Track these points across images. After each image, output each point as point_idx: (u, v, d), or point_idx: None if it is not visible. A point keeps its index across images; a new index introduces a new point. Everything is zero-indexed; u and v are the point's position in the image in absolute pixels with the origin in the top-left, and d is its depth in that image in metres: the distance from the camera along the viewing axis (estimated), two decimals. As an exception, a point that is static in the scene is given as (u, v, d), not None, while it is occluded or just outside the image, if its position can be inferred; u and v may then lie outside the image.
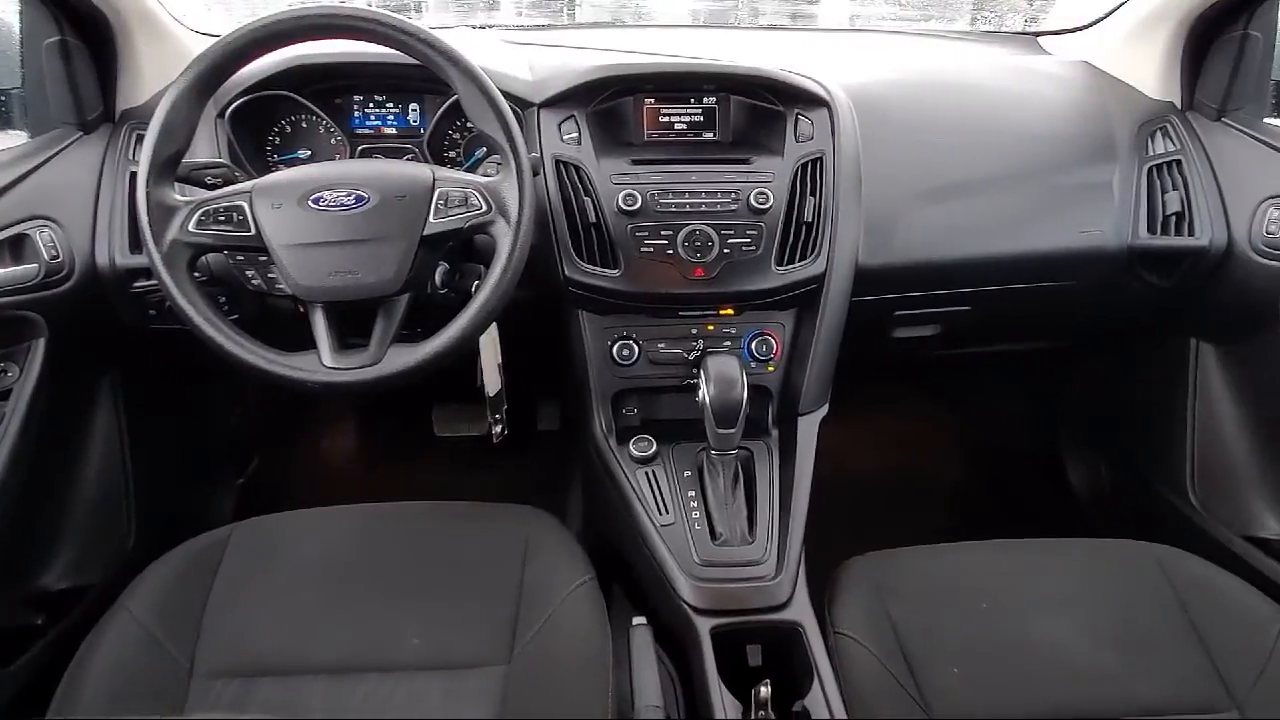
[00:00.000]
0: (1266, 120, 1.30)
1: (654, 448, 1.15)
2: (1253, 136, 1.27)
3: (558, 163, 1.12)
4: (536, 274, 1.10)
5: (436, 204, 0.94)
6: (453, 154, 1.24)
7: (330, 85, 1.21)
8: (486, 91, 0.94)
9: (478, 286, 0.96)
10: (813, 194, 1.13)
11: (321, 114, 1.20)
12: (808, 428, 1.16)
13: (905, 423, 1.93)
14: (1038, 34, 1.59)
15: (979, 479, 1.88)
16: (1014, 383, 1.84)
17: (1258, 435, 1.35)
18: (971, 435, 1.92)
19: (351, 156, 1.23)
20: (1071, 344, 1.65)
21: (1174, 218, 1.26)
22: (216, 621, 0.96)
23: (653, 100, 1.18)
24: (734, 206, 1.11)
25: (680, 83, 1.19)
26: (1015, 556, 1.12)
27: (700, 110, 1.19)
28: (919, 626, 1.01)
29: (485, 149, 1.20)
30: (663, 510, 1.09)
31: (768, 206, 1.11)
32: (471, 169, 1.20)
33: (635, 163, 1.14)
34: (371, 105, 1.23)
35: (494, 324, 1.16)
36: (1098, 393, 1.69)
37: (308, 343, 0.94)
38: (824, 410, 1.17)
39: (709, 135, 1.20)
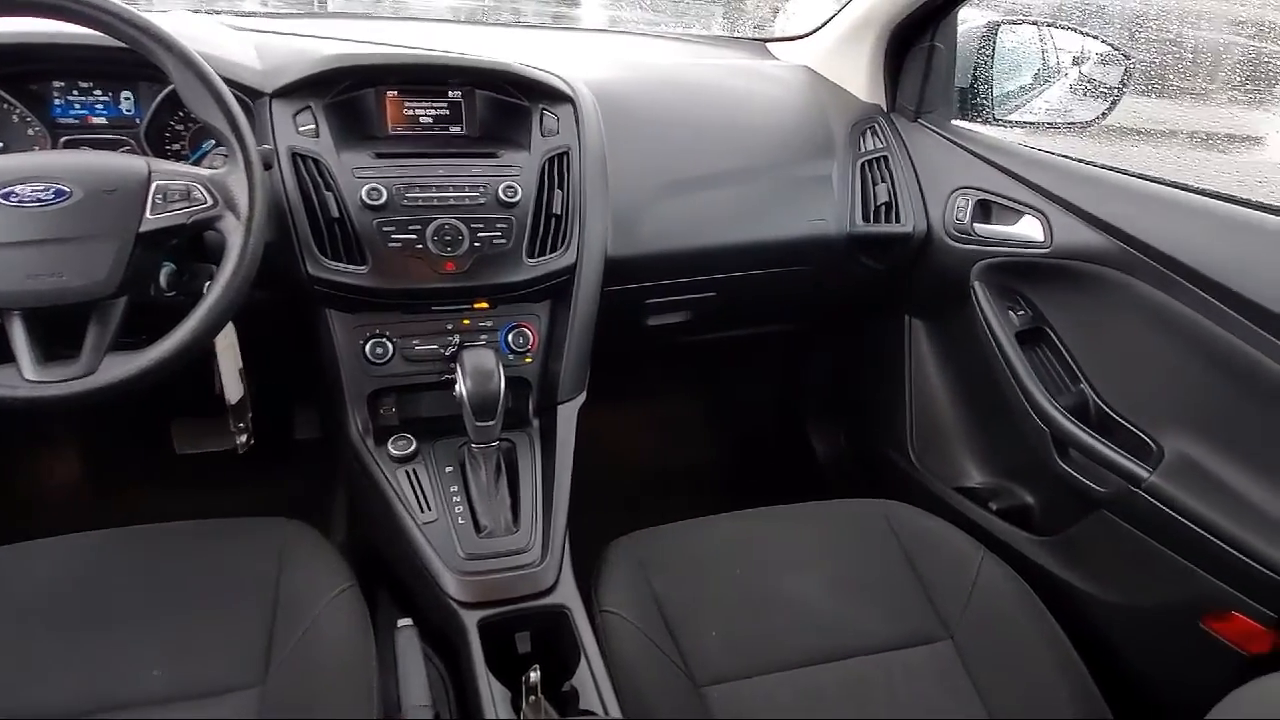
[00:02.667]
0: (954, 122, 1.48)
1: (413, 446, 1.13)
2: (943, 136, 1.44)
3: (294, 155, 1.07)
4: (277, 272, 1.04)
5: (154, 198, 0.86)
6: (176, 147, 1.14)
7: (22, 69, 1.07)
8: (205, 77, 0.88)
9: (209, 287, 0.90)
10: (560, 187, 1.16)
11: (13, 101, 1.07)
12: (567, 416, 1.18)
13: (667, 406, 2.01)
14: (765, 40, 1.71)
15: (736, 454, 2.00)
16: (763, 363, 1.97)
17: (960, 399, 1.53)
18: (728, 414, 2.03)
19: (54, 148, 1.10)
20: (810, 324, 1.80)
21: (884, 207, 1.41)
22: None
23: (395, 93, 1.16)
24: (483, 200, 1.11)
25: (423, 75, 1.17)
26: (764, 523, 1.21)
27: (446, 104, 1.18)
28: (680, 597, 1.07)
29: (214, 141, 1.12)
30: (425, 508, 1.08)
31: (517, 200, 1.12)
32: (199, 163, 1.12)
33: (379, 156, 1.11)
34: (76, 92, 1.10)
35: (232, 328, 1.09)
36: (834, 368, 1.85)
37: (6, 356, 0.83)
38: (582, 398, 1.20)
39: (456, 129, 1.19)
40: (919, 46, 1.45)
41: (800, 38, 1.65)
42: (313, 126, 1.09)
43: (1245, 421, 1.07)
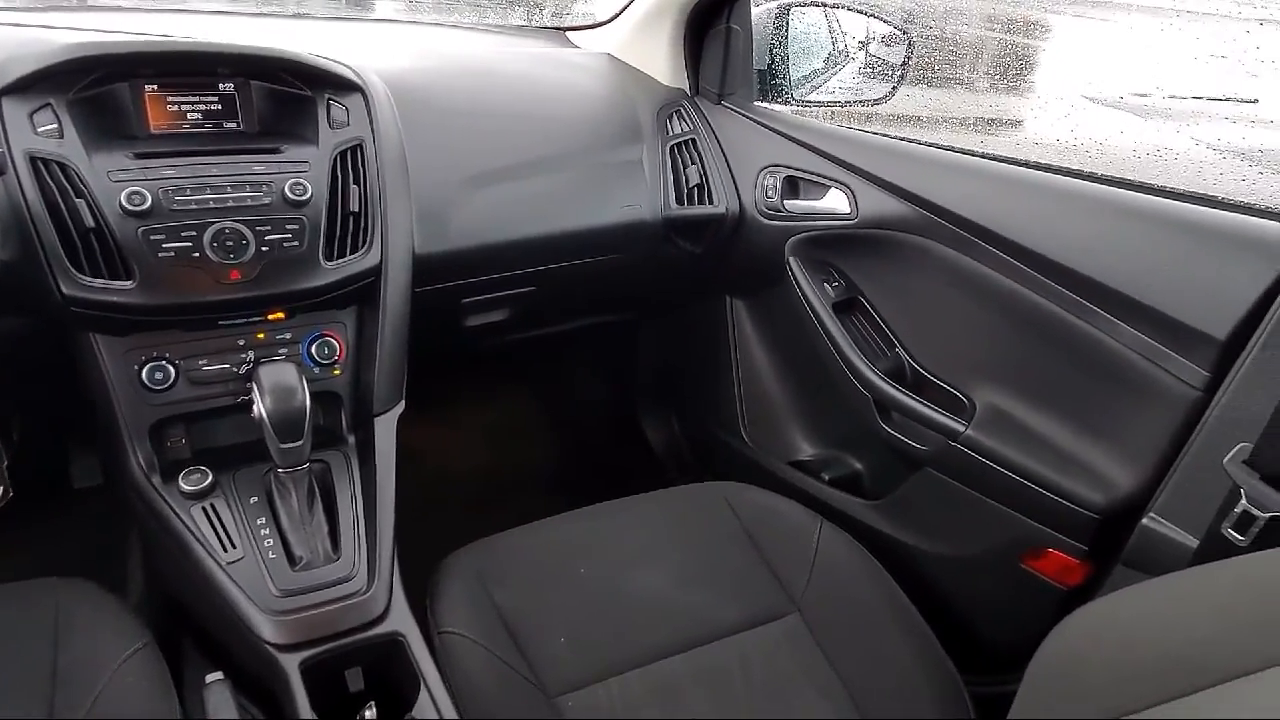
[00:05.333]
0: (757, 103, 1.50)
1: (210, 478, 1.01)
2: (747, 116, 1.46)
3: (33, 160, 0.92)
4: (23, 295, 0.91)
5: None
6: None
7: None
8: None
9: None
10: (356, 182, 1.07)
11: None
12: (385, 428, 1.10)
13: (499, 408, 1.95)
14: (564, 29, 1.68)
15: (572, 451, 1.96)
16: (593, 356, 1.95)
17: (786, 374, 1.56)
18: (561, 410, 2.00)
19: None
20: (634, 313, 1.79)
21: (696, 189, 1.41)
22: None
23: (155, 87, 1.03)
24: (268, 200, 1.00)
25: (185, 66, 1.04)
26: (605, 519, 1.18)
27: (218, 97, 1.06)
28: (524, 606, 1.02)
29: None
30: (227, 546, 0.96)
31: (307, 198, 1.02)
32: None
33: (139, 157, 0.98)
34: None
35: None
36: (662, 355, 1.85)
37: None
38: (400, 407, 1.12)
39: (231, 125, 1.07)
40: (716, 29, 1.46)
41: (599, 25, 1.63)
42: (55, 126, 0.95)
43: (1042, 368, 1.14)
